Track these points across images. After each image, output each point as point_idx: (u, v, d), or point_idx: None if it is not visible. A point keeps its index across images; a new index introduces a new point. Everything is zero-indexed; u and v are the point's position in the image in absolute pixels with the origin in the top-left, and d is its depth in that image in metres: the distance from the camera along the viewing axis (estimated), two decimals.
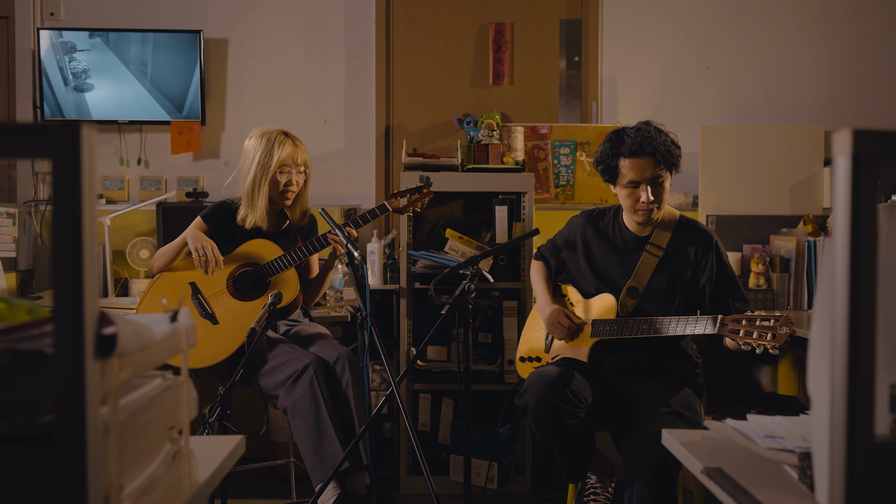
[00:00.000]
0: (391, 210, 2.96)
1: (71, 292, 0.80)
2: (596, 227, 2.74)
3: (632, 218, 2.62)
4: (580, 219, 2.80)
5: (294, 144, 2.95)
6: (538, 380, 2.47)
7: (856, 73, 4.08)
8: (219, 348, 2.84)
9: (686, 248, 2.60)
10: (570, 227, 2.81)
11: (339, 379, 2.82)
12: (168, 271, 2.97)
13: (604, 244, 2.71)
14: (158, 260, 2.99)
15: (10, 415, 0.86)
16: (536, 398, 2.44)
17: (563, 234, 2.83)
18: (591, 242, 2.73)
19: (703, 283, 2.59)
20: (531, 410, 2.46)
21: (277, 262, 2.90)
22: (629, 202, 2.57)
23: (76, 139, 0.80)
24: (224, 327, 2.87)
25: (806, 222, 3.57)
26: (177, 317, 1.09)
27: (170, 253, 2.96)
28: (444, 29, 4.12)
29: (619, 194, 2.60)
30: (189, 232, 2.94)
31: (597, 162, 2.62)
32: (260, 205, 2.94)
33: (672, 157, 2.53)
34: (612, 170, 2.56)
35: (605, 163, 2.57)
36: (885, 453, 0.90)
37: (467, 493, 2.54)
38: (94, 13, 4.02)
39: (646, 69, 4.10)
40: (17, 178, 4.02)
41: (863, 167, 0.88)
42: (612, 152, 2.54)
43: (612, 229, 2.71)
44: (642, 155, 2.50)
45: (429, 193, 3.04)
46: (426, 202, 3.05)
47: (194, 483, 1.14)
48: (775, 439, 1.31)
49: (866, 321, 0.88)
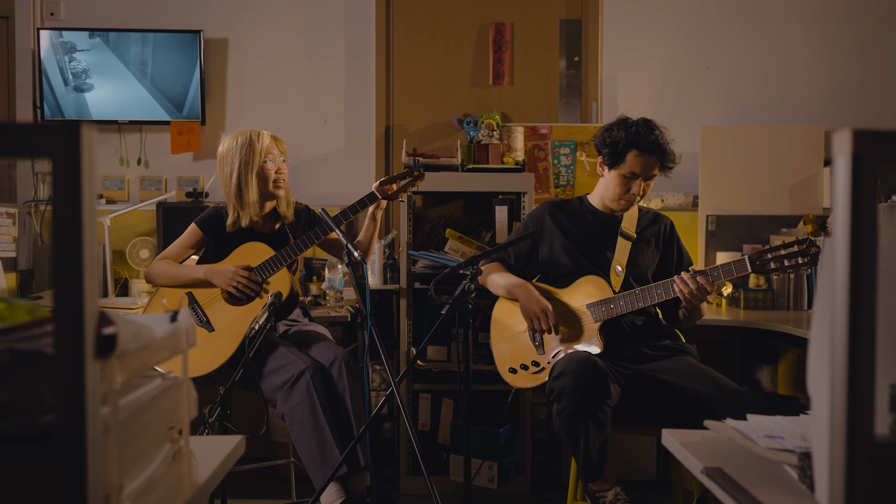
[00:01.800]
0: (380, 198, 2.90)
1: (71, 292, 0.80)
2: (564, 211, 2.83)
3: (611, 204, 2.74)
4: (541, 208, 2.88)
5: (271, 136, 2.97)
6: (574, 363, 2.42)
7: (856, 73, 4.08)
8: (215, 355, 2.83)
9: (652, 230, 2.80)
10: (531, 219, 2.88)
11: (336, 382, 2.82)
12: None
13: (577, 225, 2.80)
14: (162, 279, 2.95)
15: (10, 415, 0.86)
16: (574, 381, 2.38)
17: (519, 231, 2.89)
18: (562, 225, 2.81)
19: (668, 259, 2.80)
20: (568, 393, 2.38)
21: (268, 264, 2.90)
22: (619, 190, 2.68)
23: (76, 139, 0.80)
24: (220, 333, 2.86)
25: (806, 222, 3.57)
26: (177, 317, 1.10)
27: (180, 280, 2.93)
28: (444, 29, 4.12)
29: (609, 179, 2.71)
30: (208, 271, 2.89)
31: (604, 143, 2.68)
32: (251, 199, 2.91)
33: (671, 160, 2.68)
34: (617, 156, 2.65)
35: (614, 148, 2.65)
36: (885, 453, 0.90)
37: (467, 493, 2.54)
38: (94, 13, 4.02)
39: (646, 69, 4.10)
40: (17, 178, 4.02)
41: (863, 167, 0.88)
42: (626, 141, 2.62)
43: (583, 212, 2.83)
44: (653, 153, 2.62)
45: (420, 177, 2.98)
46: (418, 186, 2.99)
47: (194, 483, 1.14)
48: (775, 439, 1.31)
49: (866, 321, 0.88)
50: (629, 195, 2.67)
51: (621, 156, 2.64)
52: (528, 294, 2.70)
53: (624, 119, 2.70)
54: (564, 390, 2.40)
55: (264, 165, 2.92)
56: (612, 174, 2.69)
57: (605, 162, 2.71)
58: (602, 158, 2.72)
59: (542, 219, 2.85)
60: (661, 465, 3.51)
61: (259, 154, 2.90)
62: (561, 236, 2.80)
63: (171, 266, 2.96)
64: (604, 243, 2.76)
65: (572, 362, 2.44)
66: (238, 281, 2.85)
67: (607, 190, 2.73)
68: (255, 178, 2.91)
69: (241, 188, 2.91)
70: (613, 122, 2.71)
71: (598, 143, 2.72)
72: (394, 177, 2.95)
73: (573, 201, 2.87)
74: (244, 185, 2.91)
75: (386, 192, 2.91)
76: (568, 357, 2.50)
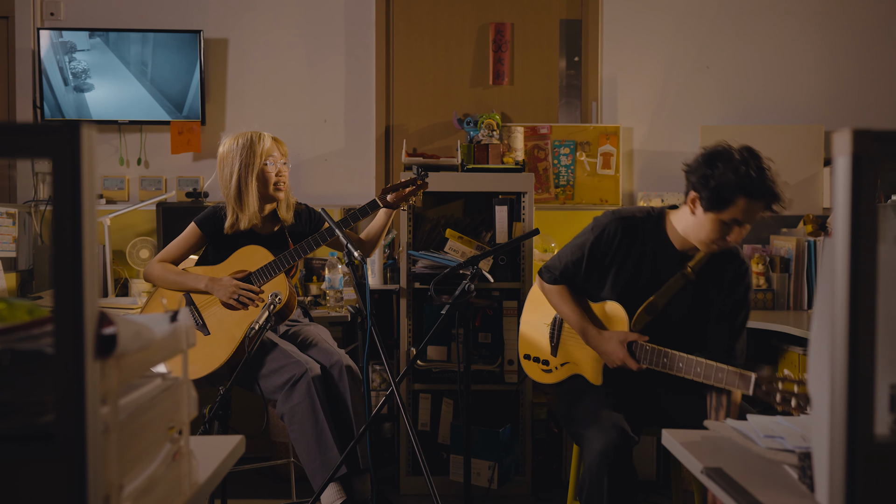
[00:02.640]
0: (382, 206, 2.89)
1: (71, 292, 0.80)
2: (633, 237, 2.43)
3: (700, 245, 2.34)
4: (614, 227, 2.43)
5: (272, 138, 2.96)
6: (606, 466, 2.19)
7: (856, 73, 4.08)
8: (209, 359, 2.83)
9: (720, 274, 2.40)
10: (603, 239, 2.44)
11: (337, 383, 2.82)
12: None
13: (639, 256, 2.43)
14: (161, 283, 2.95)
15: (10, 415, 0.86)
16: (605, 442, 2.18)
17: (587, 248, 2.47)
18: (620, 253, 2.43)
19: (718, 305, 2.41)
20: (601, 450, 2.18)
21: (266, 270, 2.89)
22: (714, 236, 2.27)
23: (76, 139, 0.80)
24: (215, 337, 2.86)
25: (806, 222, 3.57)
26: (176, 317, 1.10)
27: (179, 288, 2.92)
28: (444, 29, 4.12)
29: (703, 221, 2.27)
30: (209, 283, 2.88)
31: (704, 183, 2.22)
32: (251, 201, 2.90)
33: (781, 204, 2.27)
34: (723, 201, 2.20)
35: (721, 192, 2.20)
36: (885, 453, 0.90)
37: (467, 493, 2.54)
38: (94, 13, 4.02)
39: (646, 69, 4.10)
40: (17, 178, 4.02)
41: (863, 167, 0.88)
42: (738, 186, 2.18)
43: (655, 241, 2.42)
44: (762, 199, 2.21)
45: (423, 185, 2.90)
46: (421, 195, 2.94)
47: (194, 483, 1.14)
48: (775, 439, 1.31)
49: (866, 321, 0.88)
50: (726, 242, 2.28)
51: (727, 202, 2.20)
52: (605, 344, 2.43)
53: (727, 152, 2.23)
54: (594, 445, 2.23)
55: (265, 168, 2.91)
56: (709, 217, 2.25)
57: (701, 203, 2.25)
58: (697, 195, 2.26)
59: (612, 244, 2.44)
60: (661, 465, 3.51)
61: (260, 156, 2.90)
62: (614, 262, 2.45)
63: (170, 272, 2.93)
64: (652, 281, 2.42)
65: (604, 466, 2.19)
66: (239, 295, 2.85)
67: (699, 231, 2.30)
68: (255, 181, 2.90)
69: (241, 190, 2.90)
70: (714, 155, 2.23)
71: (695, 180, 2.25)
72: (396, 185, 2.89)
73: (648, 223, 2.43)
74: (244, 187, 2.90)
75: (388, 200, 2.88)
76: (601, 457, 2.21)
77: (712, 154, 2.24)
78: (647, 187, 4.04)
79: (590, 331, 2.47)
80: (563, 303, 2.56)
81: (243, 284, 2.86)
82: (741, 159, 2.20)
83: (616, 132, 4.01)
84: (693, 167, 2.27)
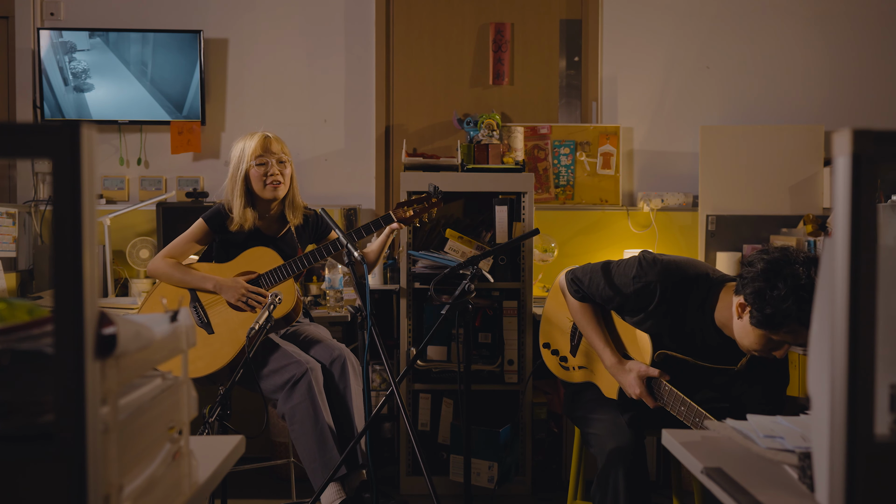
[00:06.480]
0: (395, 220, 2.88)
1: (71, 292, 0.80)
2: (677, 302, 2.26)
3: (745, 349, 2.16)
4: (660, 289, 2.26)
5: (265, 136, 2.94)
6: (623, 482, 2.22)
7: (856, 73, 4.08)
8: (213, 358, 2.83)
9: (762, 364, 2.27)
10: (644, 294, 2.28)
11: (338, 382, 2.82)
12: None
13: (680, 321, 2.27)
14: (167, 280, 2.94)
15: (10, 415, 0.86)
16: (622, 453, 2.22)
17: (623, 296, 2.34)
18: (660, 310, 2.28)
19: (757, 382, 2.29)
20: (619, 455, 2.22)
21: (275, 274, 2.89)
22: (760, 347, 2.09)
23: (76, 139, 0.80)
24: (219, 337, 2.86)
25: (806, 222, 3.57)
26: (177, 317, 1.09)
27: (186, 286, 2.92)
28: (444, 29, 4.12)
29: (750, 331, 2.08)
30: (217, 284, 2.88)
31: (761, 304, 2.00)
32: (236, 205, 2.91)
33: None
34: (778, 324, 2.00)
35: (778, 317, 1.99)
36: (885, 453, 0.90)
37: (467, 493, 2.54)
38: (93, 13, 4.02)
39: (646, 69, 4.10)
40: (17, 178, 4.02)
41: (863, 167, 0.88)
42: (796, 313, 1.96)
43: (698, 321, 2.25)
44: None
45: (437, 203, 2.92)
46: (434, 213, 2.95)
47: (194, 483, 1.14)
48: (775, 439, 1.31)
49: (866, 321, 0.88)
50: (768, 354, 2.12)
51: (782, 325, 2.00)
52: (624, 376, 2.36)
53: (793, 272, 1.97)
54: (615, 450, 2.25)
55: (250, 171, 2.92)
56: (760, 335, 2.06)
57: (751, 318, 2.05)
58: (749, 308, 2.05)
59: (651, 302, 2.28)
60: (661, 465, 3.51)
61: (248, 157, 2.91)
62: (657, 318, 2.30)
63: (177, 269, 2.93)
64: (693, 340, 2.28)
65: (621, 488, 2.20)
66: (248, 297, 2.86)
67: (743, 338, 2.12)
68: (242, 184, 2.92)
69: (234, 193, 2.93)
70: (776, 271, 1.98)
71: (749, 292, 2.03)
72: (411, 201, 2.91)
73: (698, 295, 2.24)
74: (236, 190, 2.93)
75: (401, 215, 2.88)
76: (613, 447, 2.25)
77: (775, 269, 1.99)
78: (647, 187, 4.04)
79: (610, 357, 2.38)
80: (586, 322, 2.46)
81: (252, 287, 2.87)
82: (805, 284, 1.95)
83: (616, 132, 4.01)
84: (750, 277, 2.03)
